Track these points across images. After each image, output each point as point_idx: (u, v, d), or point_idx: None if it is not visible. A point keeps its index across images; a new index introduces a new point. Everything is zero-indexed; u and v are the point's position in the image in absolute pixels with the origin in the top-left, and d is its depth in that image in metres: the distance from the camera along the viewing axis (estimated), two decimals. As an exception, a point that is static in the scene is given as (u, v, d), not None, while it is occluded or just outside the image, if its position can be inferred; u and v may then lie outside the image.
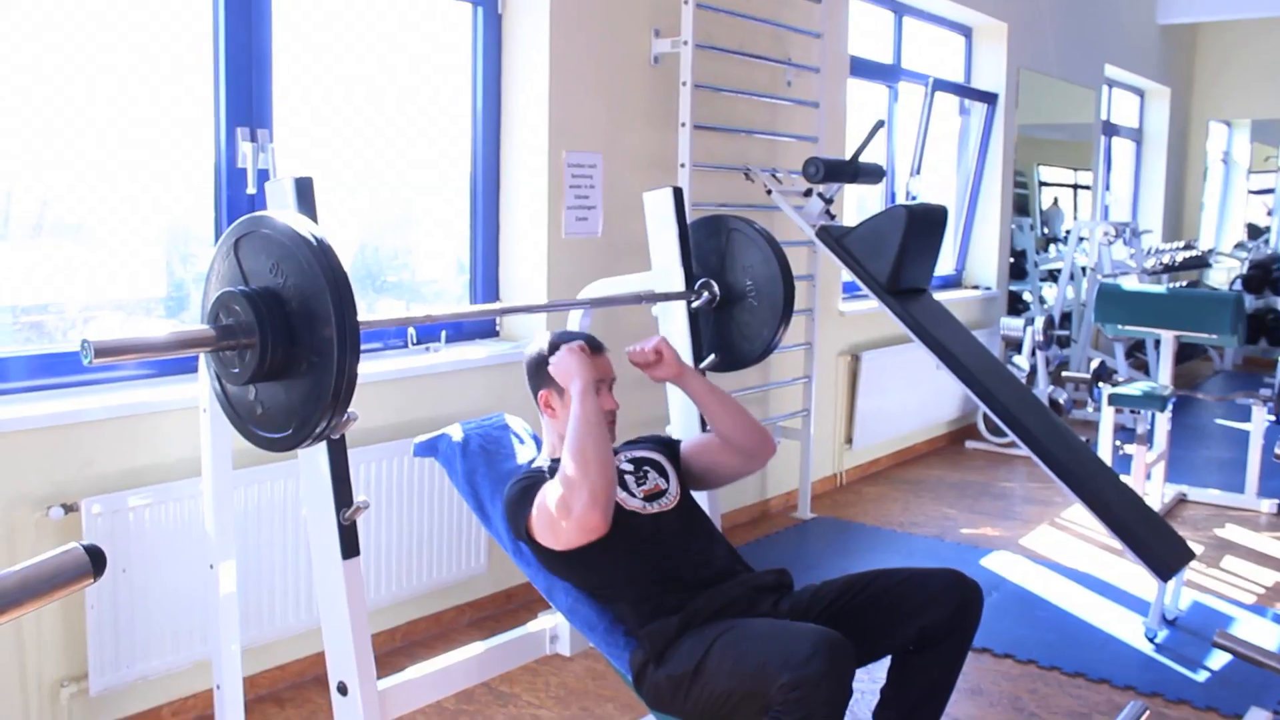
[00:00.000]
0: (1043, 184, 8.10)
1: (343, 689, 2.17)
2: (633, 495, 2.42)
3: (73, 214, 3.02)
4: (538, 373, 2.50)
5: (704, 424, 2.75)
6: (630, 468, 2.50)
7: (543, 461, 2.51)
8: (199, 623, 2.89)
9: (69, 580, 1.20)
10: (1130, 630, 3.75)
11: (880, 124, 3.31)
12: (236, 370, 1.95)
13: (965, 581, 2.31)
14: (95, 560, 1.21)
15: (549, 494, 2.23)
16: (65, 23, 2.86)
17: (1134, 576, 4.19)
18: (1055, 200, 8.35)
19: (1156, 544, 3.15)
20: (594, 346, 2.49)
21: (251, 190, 3.15)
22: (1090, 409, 6.62)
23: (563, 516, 2.18)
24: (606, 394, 2.44)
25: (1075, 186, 8.71)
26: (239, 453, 2.29)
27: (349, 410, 1.93)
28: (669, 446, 2.65)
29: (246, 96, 3.17)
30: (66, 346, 2.91)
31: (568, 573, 2.37)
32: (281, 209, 2.05)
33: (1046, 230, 8.11)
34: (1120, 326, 5.23)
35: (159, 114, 3.06)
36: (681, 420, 2.92)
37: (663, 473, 2.52)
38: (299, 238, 1.88)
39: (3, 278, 2.87)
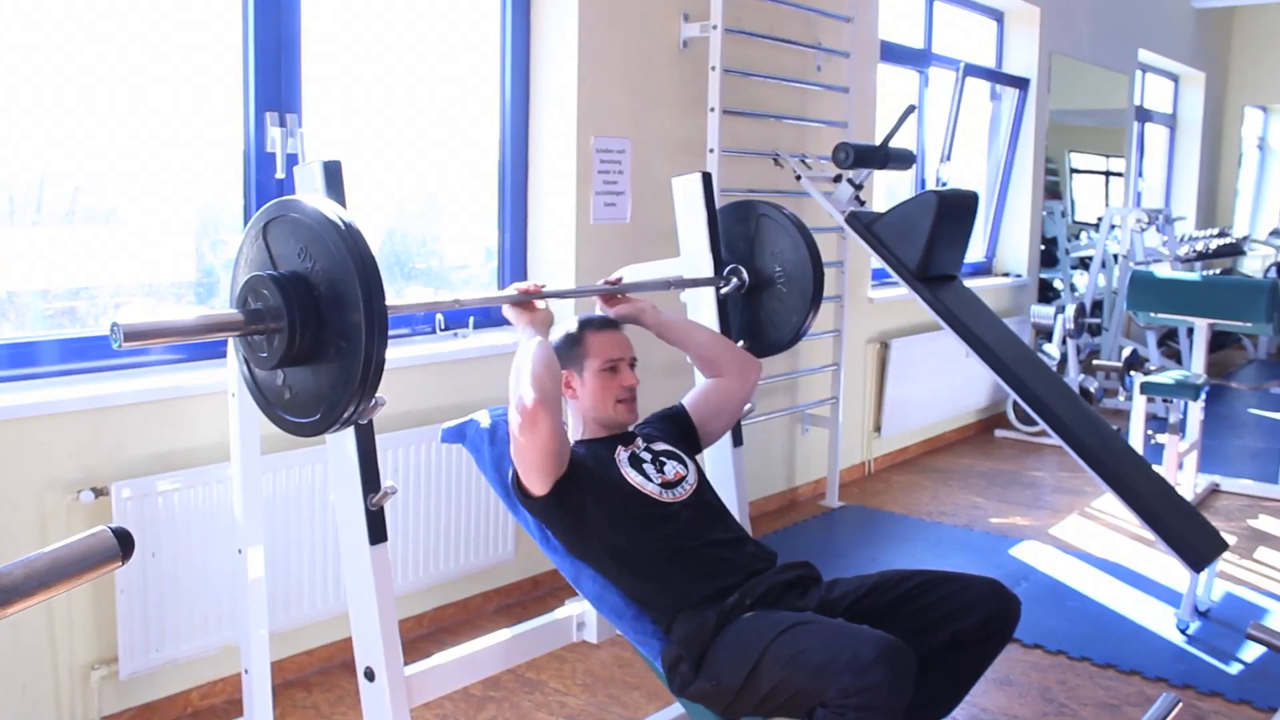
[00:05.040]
0: (1074, 170, 8.00)
1: (370, 674, 2.17)
2: (649, 480, 2.42)
3: (104, 200, 3.04)
4: (560, 354, 2.50)
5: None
6: (648, 457, 2.49)
7: None
8: (227, 607, 2.91)
9: (97, 563, 1.20)
10: (1162, 622, 3.71)
11: (911, 109, 3.28)
12: (265, 355, 1.95)
13: (1004, 593, 2.25)
14: (123, 543, 1.21)
15: (512, 424, 2.29)
16: (97, 9, 2.87)
17: (1165, 567, 4.15)
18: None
19: (1189, 534, 3.12)
20: (607, 324, 2.56)
21: (280, 175, 3.15)
22: (1122, 398, 6.58)
23: (519, 431, 2.24)
24: (627, 370, 2.50)
25: (1107, 173, 8.61)
26: (267, 438, 2.29)
27: (376, 396, 1.93)
28: (678, 423, 2.65)
29: (276, 81, 3.17)
30: (97, 331, 2.92)
31: (594, 558, 2.37)
32: (310, 193, 2.05)
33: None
34: (1153, 314, 5.17)
35: (189, 99, 3.07)
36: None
37: (682, 463, 2.52)
38: (327, 222, 1.87)
39: (35, 263, 2.89)
